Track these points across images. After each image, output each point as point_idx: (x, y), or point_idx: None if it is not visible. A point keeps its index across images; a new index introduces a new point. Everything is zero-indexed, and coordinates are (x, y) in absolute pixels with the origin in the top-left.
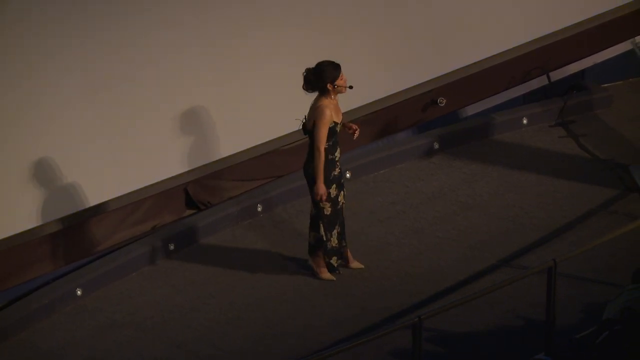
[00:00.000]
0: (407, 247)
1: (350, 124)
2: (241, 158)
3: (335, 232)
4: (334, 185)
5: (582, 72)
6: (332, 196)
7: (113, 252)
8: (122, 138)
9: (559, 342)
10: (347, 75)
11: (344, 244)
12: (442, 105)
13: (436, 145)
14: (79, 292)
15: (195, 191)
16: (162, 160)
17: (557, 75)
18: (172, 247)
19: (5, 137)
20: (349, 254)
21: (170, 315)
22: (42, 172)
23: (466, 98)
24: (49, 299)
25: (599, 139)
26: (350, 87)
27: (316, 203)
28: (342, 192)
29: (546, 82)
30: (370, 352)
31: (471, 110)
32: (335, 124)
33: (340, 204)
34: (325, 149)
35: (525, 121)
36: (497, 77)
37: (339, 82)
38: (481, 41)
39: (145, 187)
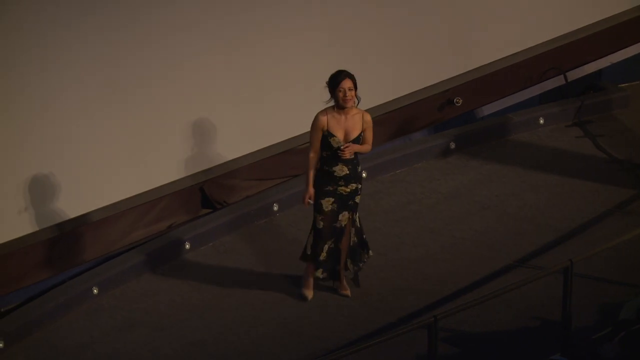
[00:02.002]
0: (423, 247)
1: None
2: (257, 157)
3: (326, 247)
4: (331, 200)
5: (599, 72)
6: (325, 210)
7: (129, 250)
8: (139, 138)
9: (575, 342)
10: (363, 74)
11: (341, 266)
12: (459, 105)
13: (452, 145)
14: (95, 290)
15: (211, 190)
16: (178, 159)
17: (574, 75)
18: (187, 246)
19: (23, 138)
20: (344, 279)
21: (187, 314)
22: (59, 172)
23: (482, 98)
24: (66, 298)
25: (616, 139)
26: (339, 104)
27: (314, 213)
28: (346, 213)
29: (562, 82)
30: (385, 352)
31: (487, 110)
32: (330, 134)
33: (342, 224)
34: (322, 157)
35: (541, 121)
36: (513, 77)
37: (336, 92)
38: (498, 41)
39: (161, 186)
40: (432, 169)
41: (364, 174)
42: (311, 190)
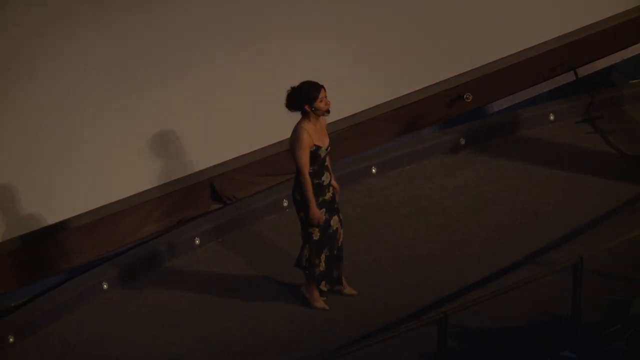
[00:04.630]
0: (431, 242)
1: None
2: (267, 153)
3: (323, 256)
4: (323, 210)
5: (610, 68)
6: (321, 222)
7: (139, 245)
8: (149, 134)
9: (585, 339)
10: (374, 71)
11: (341, 270)
12: (469, 101)
13: (462, 141)
14: (105, 285)
15: (221, 186)
16: (189, 154)
17: (584, 71)
18: (197, 241)
19: (35, 131)
20: (344, 280)
21: (196, 309)
22: (69, 168)
23: (493, 94)
24: (76, 293)
25: (627, 135)
26: (327, 112)
27: (305, 227)
28: (335, 217)
29: (573, 78)
30: (395, 348)
31: (497, 106)
32: (318, 147)
33: (333, 229)
34: (309, 173)
35: (552, 117)
36: (524, 73)
37: (317, 104)
38: (508, 37)
39: (172, 182)
40: (442, 165)
41: (373, 170)
42: (318, 210)
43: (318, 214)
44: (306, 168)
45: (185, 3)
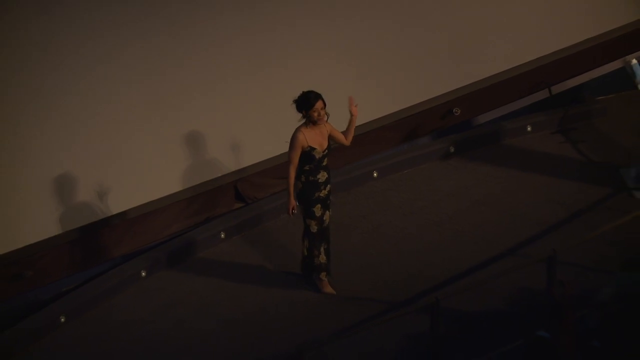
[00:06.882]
0: (427, 238)
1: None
2: (284, 158)
3: (322, 248)
4: (319, 206)
5: (581, 86)
6: (317, 215)
7: (173, 239)
8: (181, 142)
9: (558, 320)
10: (376, 87)
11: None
12: (457, 114)
13: (452, 149)
14: (143, 274)
15: (243, 187)
16: (215, 160)
17: (558, 88)
18: (223, 235)
19: (82, 138)
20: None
21: (222, 295)
22: (114, 171)
23: (478, 109)
24: (117, 280)
25: (595, 144)
26: (314, 122)
27: (304, 220)
28: (328, 212)
29: (548, 95)
30: (394, 329)
31: (483, 118)
32: (312, 148)
33: (327, 223)
34: (305, 170)
35: (529, 129)
36: (505, 90)
37: (310, 112)
38: (492, 59)
39: (201, 184)
40: (435, 170)
41: (375, 174)
42: (294, 201)
43: (292, 204)
44: (293, 164)
45: (217, 26)
